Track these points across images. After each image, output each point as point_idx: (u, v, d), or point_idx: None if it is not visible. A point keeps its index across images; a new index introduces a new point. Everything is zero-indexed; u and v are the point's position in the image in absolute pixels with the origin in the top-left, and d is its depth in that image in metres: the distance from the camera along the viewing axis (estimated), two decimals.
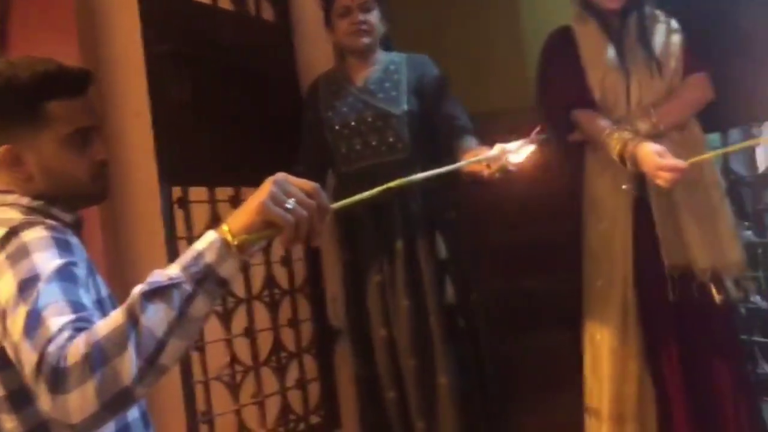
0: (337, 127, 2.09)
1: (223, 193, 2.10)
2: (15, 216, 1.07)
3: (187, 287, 0.89)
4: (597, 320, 1.98)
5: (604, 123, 1.91)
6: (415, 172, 1.93)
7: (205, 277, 0.90)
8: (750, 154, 2.18)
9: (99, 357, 0.85)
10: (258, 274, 2.17)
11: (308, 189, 0.96)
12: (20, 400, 0.99)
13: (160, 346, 0.88)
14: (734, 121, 2.08)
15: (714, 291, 1.90)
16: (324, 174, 2.17)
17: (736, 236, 1.95)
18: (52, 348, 0.87)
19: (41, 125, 1.10)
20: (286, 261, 2.29)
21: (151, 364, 0.87)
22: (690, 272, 1.90)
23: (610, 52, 1.97)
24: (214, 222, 1.94)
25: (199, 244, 0.93)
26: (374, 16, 2.07)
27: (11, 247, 0.99)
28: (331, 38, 2.17)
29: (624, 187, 1.90)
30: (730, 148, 2.03)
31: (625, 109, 1.95)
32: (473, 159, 1.29)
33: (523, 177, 1.36)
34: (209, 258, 0.91)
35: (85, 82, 1.15)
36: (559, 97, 2.01)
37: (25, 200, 1.10)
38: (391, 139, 2.04)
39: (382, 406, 2.02)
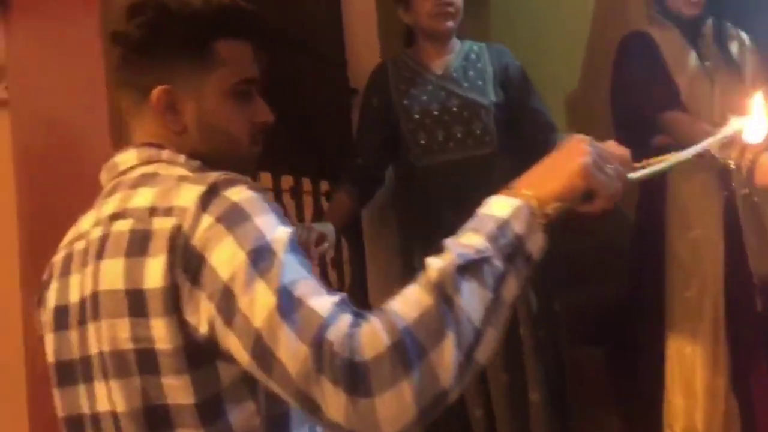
0: (416, 116, 1.91)
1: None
2: (183, 172, 0.83)
3: (498, 263, 0.71)
4: (687, 333, 1.91)
5: (707, 126, 1.85)
6: (501, 168, 1.86)
7: (515, 252, 0.73)
8: None
9: (414, 348, 0.65)
10: None
11: (623, 155, 0.84)
12: (213, 410, 0.75)
13: (478, 336, 0.69)
14: None
15: None
16: (385, 168, 1.99)
17: None
18: (333, 336, 0.66)
19: (207, 67, 0.87)
20: (337, 263, 2.06)
21: (468, 359, 0.68)
22: None
23: (693, 58, 1.96)
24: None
25: (497, 210, 0.75)
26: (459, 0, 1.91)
27: (218, 207, 0.75)
28: (405, 19, 1.98)
29: (743, 191, 1.84)
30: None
31: (709, 116, 1.90)
32: (718, 137, 1.13)
33: None
34: (518, 228, 0.73)
35: (259, 25, 0.93)
36: (647, 99, 1.94)
37: (181, 158, 0.86)
38: (478, 132, 1.89)
39: (464, 425, 1.83)
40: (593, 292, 2.28)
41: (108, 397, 0.79)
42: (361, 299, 2.15)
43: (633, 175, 0.87)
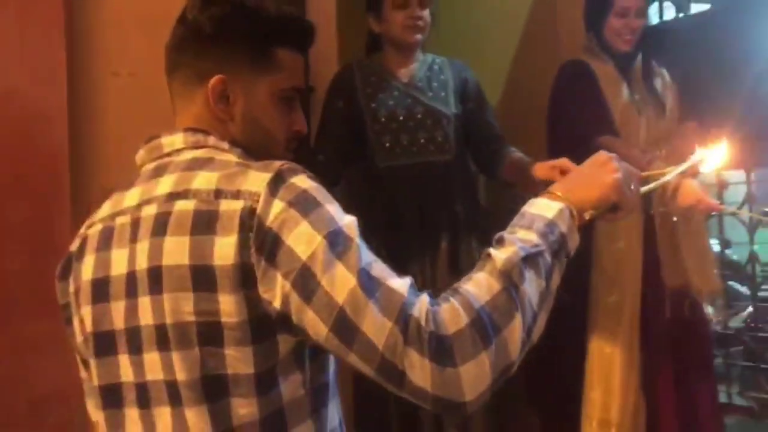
0: (383, 120, 2.01)
1: None
2: (234, 159, 0.89)
3: (548, 257, 0.83)
4: (608, 335, 2.12)
5: (638, 152, 2.07)
6: (458, 174, 2.00)
7: (560, 249, 0.85)
8: None
9: (491, 325, 0.75)
10: None
11: (638, 174, 0.97)
12: (269, 380, 0.81)
13: (535, 318, 0.80)
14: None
15: (705, 310, 2.17)
16: (344, 166, 2.06)
17: (715, 264, 2.25)
18: (417, 312, 0.75)
19: (264, 69, 0.95)
20: None
21: (528, 337, 0.79)
22: (684, 293, 2.13)
23: (625, 89, 2.19)
24: None
25: (544, 210, 0.87)
26: (428, 14, 2.03)
27: (288, 193, 0.81)
28: (376, 27, 2.07)
29: (661, 209, 2.07)
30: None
31: (636, 143, 2.15)
32: (686, 165, 1.32)
33: None
34: (563, 227, 0.86)
35: (313, 40, 1.02)
36: (582, 125, 2.13)
37: (225, 145, 0.92)
38: (439, 139, 2.02)
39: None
40: None
41: (163, 366, 0.83)
42: None
43: (643, 189, 1.03)
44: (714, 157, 1.29)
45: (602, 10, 2.18)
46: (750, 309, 3.01)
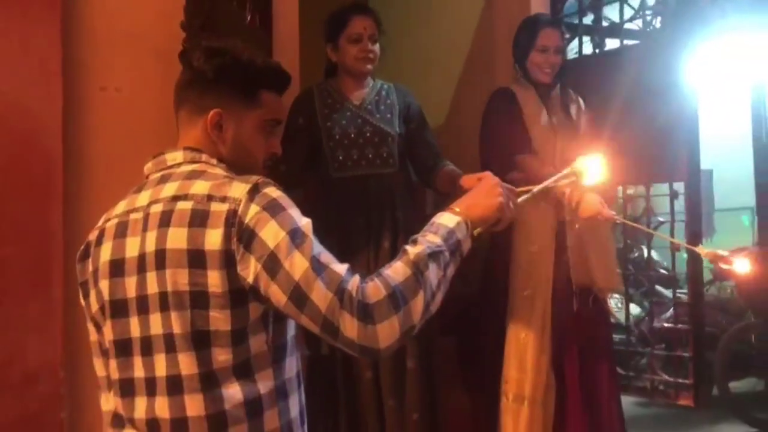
0: (337, 137, 2.32)
1: None
2: (222, 172, 1.19)
3: (447, 255, 1.14)
4: (523, 323, 2.47)
5: (551, 168, 2.43)
6: (401, 185, 2.35)
7: (456, 250, 1.16)
8: None
9: (401, 298, 1.06)
10: None
11: (515, 195, 1.32)
12: (241, 336, 1.10)
13: (433, 296, 1.11)
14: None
15: (605, 304, 2.56)
16: (303, 175, 2.37)
17: (616, 265, 2.64)
18: (349, 286, 1.05)
19: (251, 106, 1.24)
20: None
21: (427, 309, 1.09)
22: (589, 289, 2.51)
23: (544, 114, 2.55)
24: None
25: (447, 221, 1.18)
26: (377, 47, 2.36)
27: (263, 200, 1.10)
28: (333, 56, 2.39)
29: (567, 218, 2.45)
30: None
31: (552, 160, 2.50)
32: (559, 175, 1.60)
33: None
34: (459, 235, 1.18)
35: (289, 84, 1.34)
36: (506, 144, 2.49)
37: (214, 161, 1.22)
38: (385, 155, 2.34)
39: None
40: (451, 291, 2.81)
41: (163, 323, 1.11)
42: None
43: (519, 199, 1.37)
44: (590, 172, 1.61)
45: (526, 47, 2.53)
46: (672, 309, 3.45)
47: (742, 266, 1.55)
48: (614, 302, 3.19)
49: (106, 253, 1.18)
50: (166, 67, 2.14)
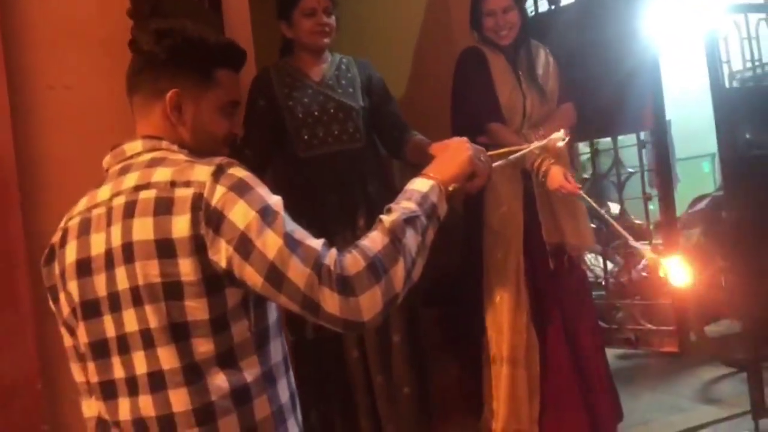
0: (300, 116, 2.26)
1: None
2: (183, 158, 1.15)
3: (424, 219, 1.12)
4: (497, 284, 2.48)
5: (516, 137, 2.42)
6: (369, 159, 2.30)
7: (432, 214, 1.15)
8: None
9: (381, 267, 1.04)
10: None
11: (484, 151, 1.32)
12: (221, 324, 1.08)
13: (414, 262, 1.09)
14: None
15: (580, 261, 2.57)
16: (269, 158, 2.31)
17: (589, 223, 2.64)
18: (327, 261, 1.02)
19: (209, 86, 1.21)
20: None
21: (409, 276, 1.07)
22: (562, 247, 2.52)
23: (512, 77, 2.53)
24: None
25: (420, 186, 1.17)
26: (333, 20, 2.29)
27: (228, 180, 1.07)
28: (287, 33, 2.32)
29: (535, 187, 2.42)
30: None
31: (519, 123, 2.51)
32: (539, 144, 1.62)
33: None
34: (434, 198, 1.16)
35: (244, 61, 1.29)
36: (476, 108, 2.48)
37: (175, 147, 1.18)
38: (351, 129, 2.29)
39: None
40: (431, 262, 2.80)
41: (138, 319, 1.07)
42: None
43: (495, 164, 1.37)
44: (559, 134, 1.63)
45: (477, 12, 2.52)
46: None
47: (680, 278, 1.59)
48: (589, 259, 3.20)
49: (71, 253, 1.14)
50: (116, 59, 2.06)
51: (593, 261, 3.53)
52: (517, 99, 2.51)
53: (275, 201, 1.08)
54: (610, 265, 3.21)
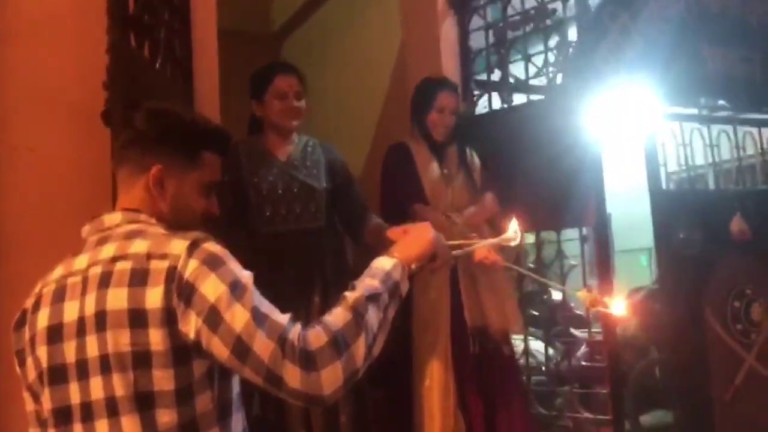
0: (264, 192, 2.33)
1: None
2: (161, 231, 1.20)
3: (386, 297, 1.19)
4: (427, 368, 2.53)
5: (440, 216, 2.57)
6: (328, 238, 2.38)
7: (394, 291, 1.23)
8: None
9: (343, 342, 1.08)
10: None
11: (444, 238, 1.41)
12: (185, 395, 1.10)
13: (375, 338, 1.14)
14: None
15: (507, 345, 2.65)
16: (231, 231, 2.36)
17: (517, 307, 2.75)
18: (291, 335, 1.06)
19: (193, 166, 1.28)
20: None
21: (370, 351, 1.13)
22: (486, 331, 2.59)
23: (436, 167, 2.71)
24: None
25: (384, 264, 1.25)
26: (303, 104, 2.41)
27: (201, 254, 1.12)
28: (258, 112, 2.42)
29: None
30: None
31: (444, 207, 2.65)
32: (492, 241, 1.73)
33: None
34: (396, 276, 1.24)
35: (230, 146, 1.38)
36: (402, 194, 2.64)
37: (153, 220, 1.24)
38: (313, 209, 2.38)
39: None
40: None
41: (104, 387, 1.10)
42: None
43: (455, 252, 1.46)
44: (512, 234, 1.73)
45: (424, 106, 2.70)
46: (584, 348, 3.59)
47: (618, 309, 1.63)
48: (532, 344, 3.29)
49: (43, 319, 1.17)
50: (84, 127, 2.13)
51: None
52: (440, 186, 2.68)
53: (245, 275, 1.13)
54: (551, 351, 3.29)
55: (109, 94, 2.07)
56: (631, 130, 3.27)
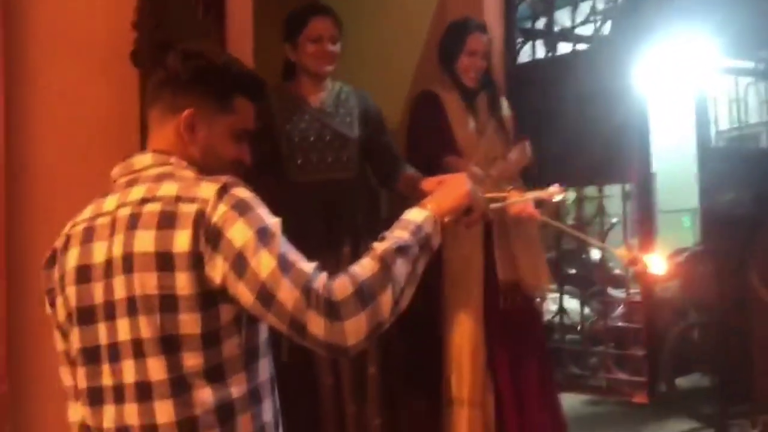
0: (296, 140, 2.28)
1: None
2: (191, 174, 1.18)
3: (416, 249, 1.14)
4: (458, 324, 2.49)
5: (475, 168, 2.46)
6: (360, 189, 2.32)
7: (425, 244, 1.18)
8: None
9: (368, 294, 1.06)
10: None
11: (482, 189, 1.36)
12: (212, 339, 1.09)
13: (402, 291, 1.10)
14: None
15: (535, 302, 2.59)
16: (261, 179, 2.32)
17: (546, 263, 2.68)
18: (316, 285, 1.04)
19: (225, 111, 1.23)
20: None
21: (397, 304, 1.09)
22: (517, 287, 2.52)
23: (468, 117, 2.59)
24: None
25: (416, 217, 1.19)
26: (338, 48, 2.33)
27: (230, 199, 1.09)
28: (291, 56, 2.35)
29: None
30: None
31: (477, 159, 2.53)
32: (535, 194, 1.67)
33: None
34: (428, 229, 1.19)
35: (263, 93, 1.33)
36: (432, 146, 2.53)
37: (184, 163, 1.21)
38: (345, 159, 2.31)
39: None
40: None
41: (131, 328, 1.09)
42: None
43: (492, 206, 1.39)
44: (555, 188, 1.67)
45: (455, 50, 2.58)
46: (621, 308, 3.53)
47: (658, 268, 1.56)
48: (568, 303, 3.23)
49: (72, 259, 1.16)
50: (117, 67, 2.10)
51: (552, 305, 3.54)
52: (472, 137, 2.57)
53: (273, 222, 1.11)
54: (587, 311, 3.22)
55: (137, 34, 2.03)
56: (682, 85, 3.12)
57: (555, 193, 1.64)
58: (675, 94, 4.70)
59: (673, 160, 5.65)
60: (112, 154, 1.30)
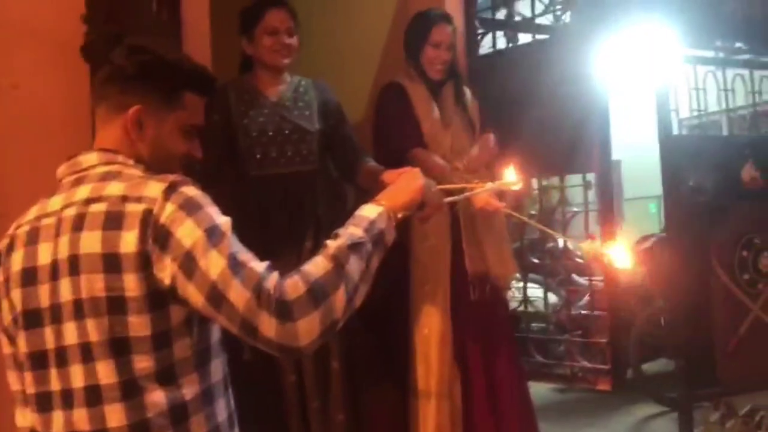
0: (254, 134, 2.25)
1: None
2: (138, 173, 1.16)
3: (369, 246, 1.15)
4: (425, 318, 2.48)
5: (439, 160, 2.46)
6: (321, 181, 2.30)
7: (379, 240, 1.18)
8: None
9: (321, 293, 1.05)
10: None
11: (435, 184, 1.36)
12: (162, 341, 1.08)
13: (356, 289, 1.10)
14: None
15: (502, 292, 2.61)
16: (219, 174, 2.29)
17: (513, 255, 2.69)
18: (267, 285, 1.03)
19: (173, 107, 1.23)
20: None
21: (350, 303, 1.09)
22: (485, 278, 2.52)
23: (434, 108, 2.58)
24: None
25: (369, 213, 1.19)
26: (295, 41, 2.30)
27: (178, 198, 1.09)
28: (248, 49, 2.31)
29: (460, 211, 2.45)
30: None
31: (443, 152, 2.53)
32: (492, 185, 1.67)
33: None
34: (381, 225, 1.19)
35: (213, 88, 1.32)
36: (398, 138, 2.51)
37: (131, 162, 1.19)
38: (305, 152, 2.29)
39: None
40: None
41: (78, 332, 1.08)
42: None
43: (446, 199, 1.40)
44: (509, 179, 1.67)
45: (419, 41, 2.56)
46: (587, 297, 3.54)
47: (621, 260, 1.57)
48: (531, 291, 3.25)
49: (17, 261, 1.14)
50: (67, 61, 2.05)
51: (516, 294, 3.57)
52: (438, 129, 2.55)
53: (223, 221, 1.09)
54: (554, 299, 3.25)
55: (88, 27, 1.99)
56: (642, 74, 3.14)
57: (512, 183, 1.64)
58: (636, 83, 4.74)
59: (639, 147, 5.71)
60: (63, 150, 1.27)
